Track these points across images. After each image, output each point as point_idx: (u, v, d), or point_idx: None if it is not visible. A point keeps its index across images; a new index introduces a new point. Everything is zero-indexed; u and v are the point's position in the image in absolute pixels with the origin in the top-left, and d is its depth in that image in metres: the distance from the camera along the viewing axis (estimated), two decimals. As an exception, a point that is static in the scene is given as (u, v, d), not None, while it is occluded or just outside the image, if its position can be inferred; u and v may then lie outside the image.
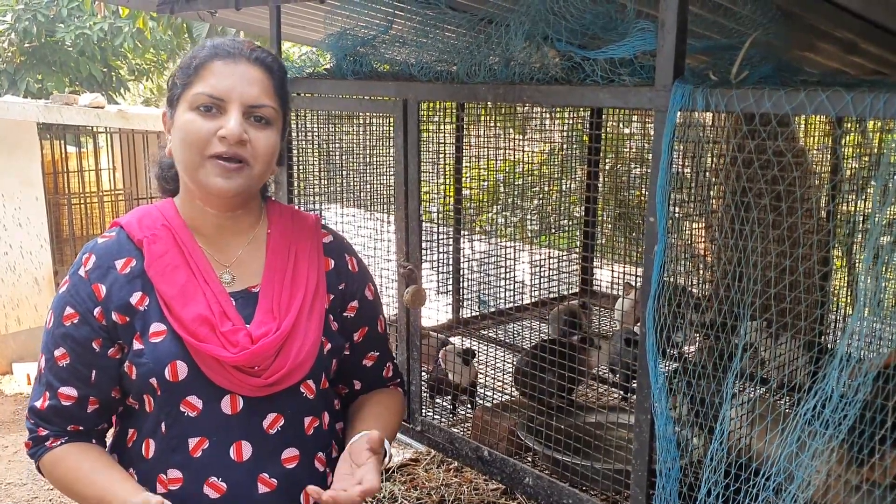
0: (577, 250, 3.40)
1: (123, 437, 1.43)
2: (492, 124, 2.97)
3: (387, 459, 1.43)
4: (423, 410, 2.41)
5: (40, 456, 1.41)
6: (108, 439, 1.49)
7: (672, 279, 1.58)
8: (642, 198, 3.19)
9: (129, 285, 1.37)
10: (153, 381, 1.33)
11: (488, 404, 2.47)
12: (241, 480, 1.36)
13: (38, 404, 1.40)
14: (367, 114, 3.00)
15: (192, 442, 1.35)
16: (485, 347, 2.82)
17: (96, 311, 1.36)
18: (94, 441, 1.44)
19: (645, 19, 1.70)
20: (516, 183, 3.47)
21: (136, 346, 1.35)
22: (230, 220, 1.43)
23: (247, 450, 1.36)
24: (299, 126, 2.74)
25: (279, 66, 1.41)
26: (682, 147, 1.62)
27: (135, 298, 1.36)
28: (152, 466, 1.37)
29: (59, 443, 1.40)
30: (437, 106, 2.72)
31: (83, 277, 1.37)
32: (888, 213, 1.30)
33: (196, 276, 1.37)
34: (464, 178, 3.19)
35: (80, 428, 1.41)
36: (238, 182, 1.34)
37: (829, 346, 2.36)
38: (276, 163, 1.43)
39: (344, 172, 3.05)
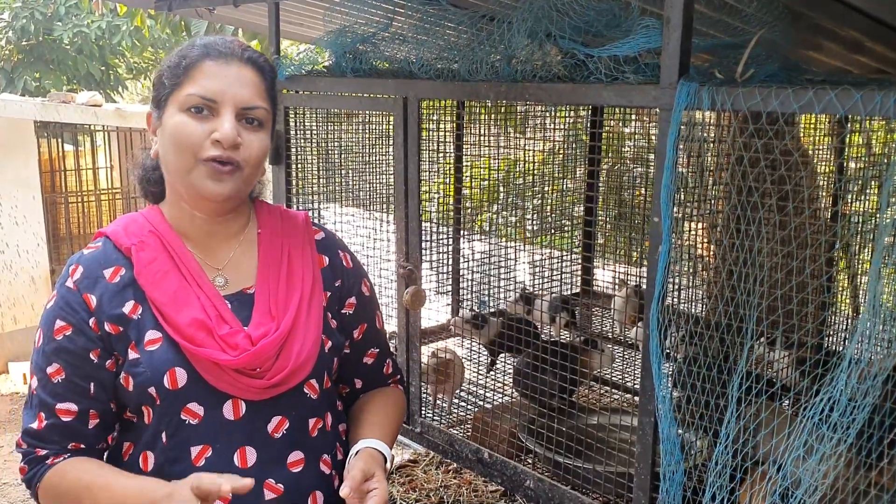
0: (576, 250, 3.37)
1: (119, 450, 1.39)
2: (492, 123, 2.95)
3: (388, 465, 1.42)
4: (423, 412, 2.39)
5: (41, 476, 1.33)
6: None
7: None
8: (642, 198, 3.18)
9: (121, 294, 1.33)
10: (151, 390, 1.30)
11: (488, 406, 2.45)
12: None
13: (34, 426, 1.34)
14: (367, 112, 2.97)
15: (195, 451, 1.32)
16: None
17: (91, 321, 1.31)
18: None
19: (649, 16, 1.67)
20: (516, 182, 3.45)
21: (132, 355, 1.31)
22: (220, 225, 1.40)
23: (251, 456, 1.34)
24: (298, 124, 2.71)
25: (270, 67, 1.39)
26: (685, 146, 1.60)
27: (127, 307, 1.32)
28: None
29: (61, 458, 1.34)
30: (438, 104, 2.69)
31: (72, 288, 1.33)
32: (894, 212, 1.28)
33: (188, 281, 1.34)
34: (464, 178, 3.17)
35: (82, 445, 1.36)
36: (229, 186, 1.31)
37: (834, 348, 2.34)
38: (267, 162, 1.41)
39: (343, 171, 3.03)
